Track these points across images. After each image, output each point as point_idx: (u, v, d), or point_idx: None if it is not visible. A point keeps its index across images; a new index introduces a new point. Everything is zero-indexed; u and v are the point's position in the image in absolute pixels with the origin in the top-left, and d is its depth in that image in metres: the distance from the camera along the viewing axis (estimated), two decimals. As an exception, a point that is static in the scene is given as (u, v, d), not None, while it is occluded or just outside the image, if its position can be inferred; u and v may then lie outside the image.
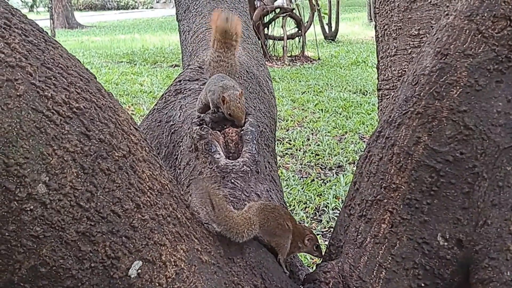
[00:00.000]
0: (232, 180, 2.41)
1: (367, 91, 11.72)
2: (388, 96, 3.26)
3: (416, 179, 2.03)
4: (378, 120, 3.51)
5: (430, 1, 3.11)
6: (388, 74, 3.28)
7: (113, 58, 17.36)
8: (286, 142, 8.37)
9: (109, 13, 43.54)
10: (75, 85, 1.66)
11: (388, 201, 2.10)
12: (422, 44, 3.00)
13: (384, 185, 2.12)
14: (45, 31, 1.75)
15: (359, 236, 2.16)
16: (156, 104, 3.21)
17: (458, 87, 1.99)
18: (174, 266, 1.81)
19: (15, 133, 1.46)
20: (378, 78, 3.42)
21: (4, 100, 1.45)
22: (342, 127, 9.02)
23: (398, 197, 2.07)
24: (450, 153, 1.98)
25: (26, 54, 1.56)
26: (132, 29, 28.31)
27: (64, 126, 1.57)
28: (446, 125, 1.99)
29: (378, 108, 3.51)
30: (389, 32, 3.25)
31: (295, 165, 7.46)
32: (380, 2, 3.32)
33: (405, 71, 3.14)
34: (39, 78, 1.56)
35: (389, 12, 3.25)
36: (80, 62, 1.83)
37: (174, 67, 15.59)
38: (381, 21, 3.33)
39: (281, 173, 6.94)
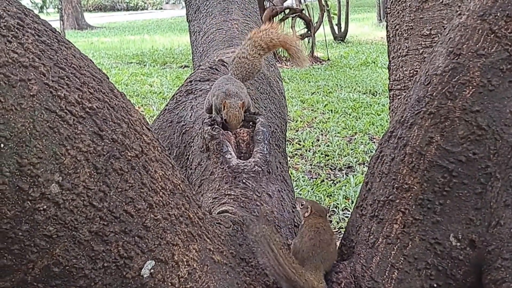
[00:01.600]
0: (244, 180, 2.41)
1: (376, 92, 11.69)
2: (399, 96, 3.25)
3: (428, 180, 2.03)
4: (390, 120, 3.50)
5: (442, 1, 3.10)
6: (399, 74, 3.27)
7: (122, 59, 17.38)
8: (296, 143, 8.35)
9: (118, 14, 43.63)
10: (88, 85, 1.67)
11: (400, 201, 2.09)
12: (433, 44, 2.99)
13: (396, 185, 2.11)
14: (58, 31, 1.76)
15: (371, 237, 2.15)
16: (167, 105, 3.21)
17: (471, 87, 1.98)
18: (186, 266, 1.81)
19: (28, 133, 1.46)
20: (389, 78, 3.41)
21: (18, 100, 1.46)
22: (352, 128, 8.99)
23: (410, 197, 2.07)
24: (463, 153, 1.97)
25: (39, 54, 1.56)
26: (142, 30, 28.34)
27: (77, 126, 1.57)
28: (459, 125, 1.98)
29: (389, 108, 3.50)
30: (400, 32, 3.25)
31: (304, 166, 7.44)
32: (392, 2, 3.31)
33: (416, 71, 3.13)
34: (52, 78, 1.56)
35: (400, 12, 3.24)
36: (93, 62, 1.83)
37: (183, 68, 15.59)
38: (392, 21, 3.32)
39: (291, 173, 6.92)
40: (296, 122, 9.40)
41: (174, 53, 18.61)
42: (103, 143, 1.63)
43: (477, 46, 1.99)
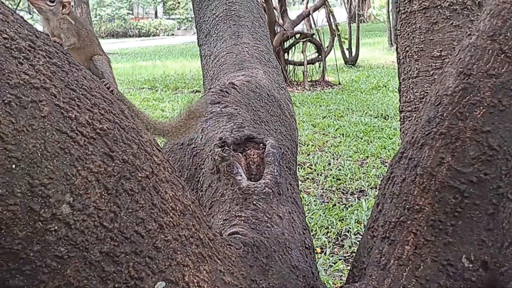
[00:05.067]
0: (254, 202, 2.40)
1: (388, 116, 11.68)
2: (410, 118, 3.24)
3: (440, 200, 2.02)
4: (401, 142, 3.50)
5: (452, 23, 3.11)
6: (410, 96, 3.27)
7: (134, 85, 17.48)
8: (307, 167, 8.34)
9: (130, 40, 43.94)
10: (98, 106, 1.68)
11: (411, 222, 2.08)
12: (444, 65, 3.00)
13: (407, 206, 2.10)
14: (69, 53, 1.77)
15: (383, 258, 2.14)
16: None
17: (481, 107, 1.98)
18: (197, 287, 1.81)
19: (39, 154, 1.47)
20: (400, 100, 3.41)
21: (29, 121, 1.47)
22: (364, 152, 8.98)
23: (421, 218, 2.06)
24: (474, 174, 1.97)
25: (51, 76, 1.58)
26: (154, 56, 28.50)
27: (88, 147, 1.58)
28: (470, 146, 1.98)
29: (400, 130, 3.49)
30: (410, 54, 3.25)
31: (316, 190, 7.43)
32: (402, 24, 3.32)
33: (427, 92, 3.12)
34: (63, 99, 1.57)
35: (410, 34, 3.25)
36: (103, 84, 1.84)
37: (195, 93, 15.65)
38: (402, 43, 3.33)
39: (303, 197, 6.91)
40: (308, 146, 9.40)
41: (186, 79, 18.69)
42: (113, 164, 1.63)
43: (487, 66, 1.99)
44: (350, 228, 6.12)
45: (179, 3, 52.81)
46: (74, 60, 1.76)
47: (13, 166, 1.43)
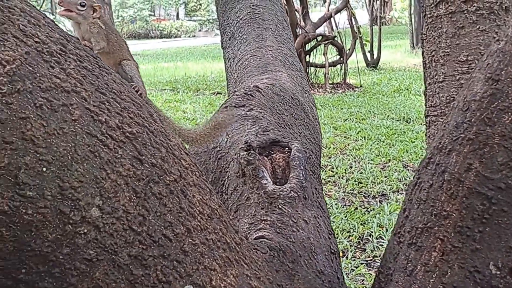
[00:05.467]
0: (280, 206, 2.40)
1: (410, 119, 11.64)
2: (436, 123, 3.23)
3: (467, 207, 2.00)
4: (427, 146, 3.48)
5: (479, 27, 3.08)
6: (436, 101, 3.25)
7: (156, 86, 17.55)
8: (329, 170, 8.33)
9: (152, 42, 44.13)
10: (128, 110, 1.68)
11: (439, 228, 2.06)
12: (470, 70, 2.98)
13: (434, 212, 2.09)
14: (99, 57, 1.78)
15: (409, 264, 2.13)
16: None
17: (510, 113, 1.96)
18: (224, 291, 1.81)
19: (70, 157, 1.48)
20: (425, 105, 3.39)
21: (60, 124, 1.48)
22: (385, 155, 8.95)
23: (449, 224, 2.04)
24: (502, 180, 1.95)
25: (81, 80, 1.59)
26: (175, 57, 28.60)
27: (117, 151, 1.59)
28: (498, 152, 1.96)
29: (426, 135, 3.47)
30: (436, 58, 3.23)
31: (338, 193, 7.42)
32: (427, 28, 3.30)
33: (453, 97, 3.11)
34: (93, 103, 1.58)
35: (436, 38, 3.23)
36: (132, 87, 1.85)
37: (216, 95, 15.69)
38: (428, 47, 3.31)
39: (324, 200, 6.89)
40: (329, 149, 9.39)
41: (207, 80, 18.75)
42: (142, 168, 1.64)
43: (516, 72, 1.97)
44: (372, 232, 6.11)
45: (200, 4, 52.94)
46: (104, 64, 1.77)
47: (44, 169, 1.44)
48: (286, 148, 2.71)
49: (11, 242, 1.42)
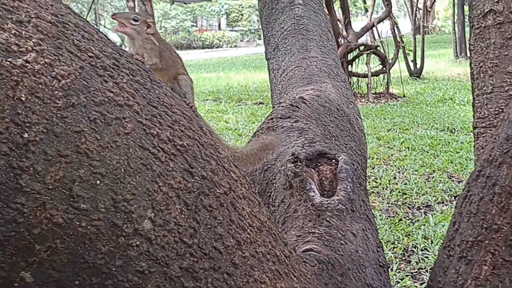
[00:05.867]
0: (328, 219, 2.40)
1: (454, 129, 11.50)
2: (484, 135, 3.19)
3: (519, 220, 1.97)
4: (475, 158, 3.43)
5: (527, 38, 3.05)
6: (484, 112, 3.21)
7: (199, 96, 17.64)
8: (372, 181, 8.27)
9: (194, 52, 44.39)
10: (179, 123, 1.70)
11: (489, 242, 2.04)
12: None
13: (485, 225, 2.06)
14: (150, 71, 1.80)
15: (459, 278, 2.10)
16: (249, 142, 3.24)
17: None
18: (274, 304, 1.81)
19: (123, 170, 1.50)
20: (473, 116, 3.36)
21: (113, 137, 1.49)
22: (430, 166, 8.86)
23: (500, 238, 2.01)
24: (555, 193, 1.92)
25: (134, 93, 1.60)
26: (217, 68, 28.74)
27: (168, 163, 1.60)
28: (551, 164, 1.93)
29: (474, 147, 3.43)
30: (484, 69, 3.20)
31: (381, 204, 7.36)
32: (475, 39, 3.27)
33: (502, 109, 3.07)
34: (145, 116, 1.60)
35: (484, 49, 3.20)
36: (183, 101, 1.87)
37: (258, 105, 15.73)
38: (476, 58, 3.28)
39: (368, 211, 6.84)
40: (372, 159, 9.32)
41: (249, 90, 18.79)
42: (193, 180, 1.65)
43: None
44: (417, 243, 6.04)
45: (242, 15, 53.16)
46: (156, 78, 1.79)
47: (98, 182, 1.46)
48: (333, 160, 2.71)
49: (65, 254, 1.44)
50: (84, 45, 1.56)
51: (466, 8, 20.84)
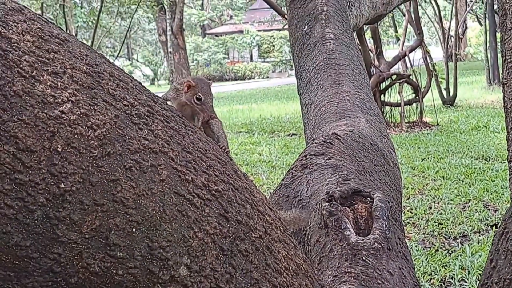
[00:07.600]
0: (364, 258, 2.38)
1: (489, 157, 11.36)
2: (519, 168, 3.16)
3: (559, 258, 1.94)
4: (511, 193, 3.39)
5: (561, 71, 3.02)
6: (518, 147, 3.19)
7: (232, 129, 17.70)
8: (408, 211, 8.19)
9: (226, 84, 44.67)
10: (213, 168, 1.71)
11: (528, 280, 2.01)
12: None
13: (523, 263, 2.03)
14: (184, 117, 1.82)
15: (499, 316, 2.07)
16: (283, 180, 3.24)
17: None
18: None
19: (158, 217, 1.51)
20: (508, 150, 3.32)
21: (149, 185, 1.51)
22: (465, 195, 8.75)
23: (539, 276, 1.98)
24: None
25: (168, 140, 1.62)
26: (250, 99, 28.84)
27: (204, 209, 1.61)
28: None
29: (509, 180, 3.40)
30: (518, 103, 3.17)
31: (417, 235, 7.28)
32: (508, 72, 3.25)
33: (537, 142, 3.04)
34: (180, 162, 1.61)
35: (517, 82, 3.18)
36: (216, 145, 1.88)
37: (291, 136, 15.72)
38: (509, 92, 3.25)
39: (404, 243, 6.77)
40: (407, 189, 9.24)
41: (282, 121, 18.81)
42: (228, 225, 1.66)
43: None
44: (454, 274, 5.96)
45: (273, 46, 53.41)
46: (189, 123, 1.80)
47: (134, 229, 1.47)
48: (368, 198, 2.69)
49: (102, 302, 1.45)
50: (119, 93, 1.58)
51: (498, 35, 20.69)
